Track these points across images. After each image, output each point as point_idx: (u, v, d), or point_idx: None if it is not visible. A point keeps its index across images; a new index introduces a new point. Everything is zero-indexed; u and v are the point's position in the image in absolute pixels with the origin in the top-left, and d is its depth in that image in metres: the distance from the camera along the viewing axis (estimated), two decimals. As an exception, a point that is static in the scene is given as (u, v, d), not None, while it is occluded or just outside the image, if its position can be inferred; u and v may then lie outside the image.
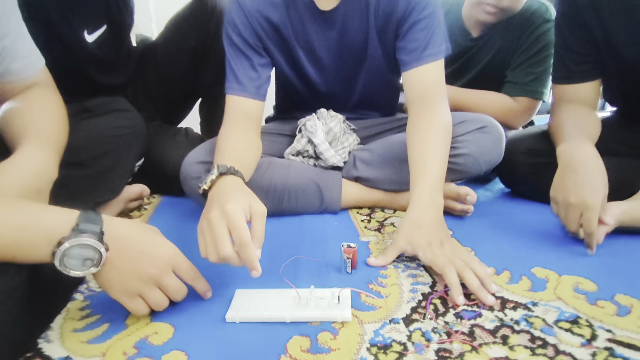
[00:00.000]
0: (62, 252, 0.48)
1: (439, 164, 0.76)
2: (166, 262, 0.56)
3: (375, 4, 0.86)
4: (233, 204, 0.58)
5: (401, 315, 0.59)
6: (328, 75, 0.95)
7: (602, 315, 0.59)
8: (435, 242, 0.67)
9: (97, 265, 0.51)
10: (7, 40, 0.68)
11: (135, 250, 0.54)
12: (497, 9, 1.04)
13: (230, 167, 0.68)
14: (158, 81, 1.20)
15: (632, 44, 0.85)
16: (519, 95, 1.13)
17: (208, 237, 0.58)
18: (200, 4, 1.10)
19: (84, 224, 0.50)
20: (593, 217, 0.72)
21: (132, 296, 0.55)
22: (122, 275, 0.53)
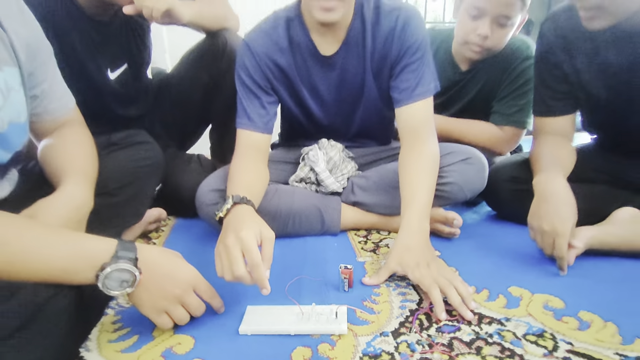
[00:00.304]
0: (104, 276, 0.58)
1: (426, 193, 0.85)
2: (188, 283, 0.66)
3: (371, 49, 0.96)
4: (246, 230, 0.68)
5: (390, 329, 0.68)
6: (329, 110, 1.06)
7: (565, 329, 0.68)
8: (422, 263, 0.76)
9: (132, 286, 0.60)
10: (46, 84, 0.79)
11: (162, 274, 0.64)
12: (482, 49, 1.15)
13: (243, 197, 0.78)
14: (173, 112, 1.31)
15: (600, 83, 0.95)
16: (504, 125, 1.23)
17: (224, 259, 0.68)
18: (213, 43, 1.21)
19: (122, 252, 0.60)
20: (563, 243, 0.82)
21: (160, 312, 0.64)
22: (152, 295, 0.63)
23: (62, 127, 0.83)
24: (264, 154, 0.98)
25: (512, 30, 1.14)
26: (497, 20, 1.10)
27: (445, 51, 1.29)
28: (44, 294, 0.52)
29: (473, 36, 1.13)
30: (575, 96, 1.01)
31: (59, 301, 0.55)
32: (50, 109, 0.80)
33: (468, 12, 1.13)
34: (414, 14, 0.94)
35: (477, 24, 1.12)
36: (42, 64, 0.77)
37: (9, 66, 0.69)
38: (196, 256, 0.95)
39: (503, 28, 1.12)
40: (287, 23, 0.96)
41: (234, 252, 0.66)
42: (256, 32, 0.97)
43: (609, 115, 0.99)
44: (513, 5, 1.08)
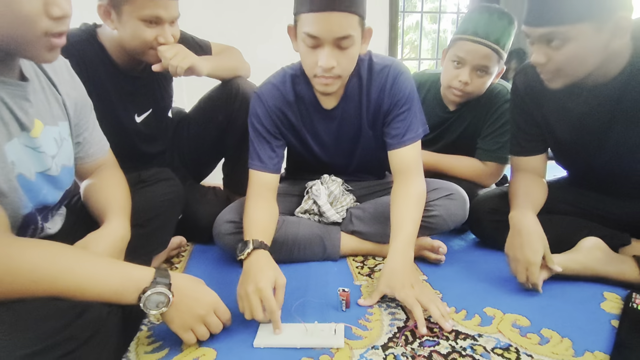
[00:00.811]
0: (145, 298, 0.71)
1: (411, 224, 0.99)
2: (210, 305, 0.80)
3: (366, 103, 1.11)
4: (264, 282, 0.82)
5: (380, 343, 0.81)
6: (330, 152, 1.21)
7: (528, 344, 0.81)
8: (407, 284, 0.89)
9: (166, 306, 0.74)
10: (87, 133, 0.94)
11: (191, 297, 0.78)
12: (463, 93, 1.30)
13: (261, 242, 0.93)
14: (190, 147, 1.47)
15: (565, 128, 1.09)
16: (488, 161, 1.37)
17: (246, 303, 0.83)
18: (227, 88, 1.37)
19: (159, 278, 0.73)
20: (535, 270, 0.96)
21: (186, 329, 0.78)
22: (181, 314, 0.77)
23: (100, 168, 0.99)
24: (274, 191, 1.12)
25: (490, 78, 1.29)
26: (476, 69, 1.27)
27: (434, 92, 1.44)
28: (104, 311, 0.66)
29: (455, 82, 1.29)
30: (545, 138, 1.16)
31: (113, 317, 0.69)
32: (91, 153, 0.96)
33: (451, 61, 1.30)
34: (401, 71, 1.09)
35: (458, 71, 1.28)
36: (85, 117, 0.93)
37: (62, 121, 0.84)
38: (214, 278, 1.11)
39: (482, 77, 1.28)
40: (293, 79, 1.11)
41: (254, 301, 0.81)
42: (267, 86, 1.13)
43: (575, 156, 1.13)
44: (490, 58, 1.24)
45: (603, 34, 0.85)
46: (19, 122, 0.72)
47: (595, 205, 1.16)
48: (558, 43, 0.88)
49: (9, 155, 0.69)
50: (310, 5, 0.90)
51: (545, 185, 1.17)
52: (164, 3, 1.05)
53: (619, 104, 0.96)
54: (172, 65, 1.10)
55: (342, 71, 0.98)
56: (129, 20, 1.05)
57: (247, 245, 0.92)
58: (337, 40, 0.92)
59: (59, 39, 0.68)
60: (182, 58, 1.11)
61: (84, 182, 0.98)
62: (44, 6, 0.64)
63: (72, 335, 0.60)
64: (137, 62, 1.18)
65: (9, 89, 0.70)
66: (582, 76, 0.94)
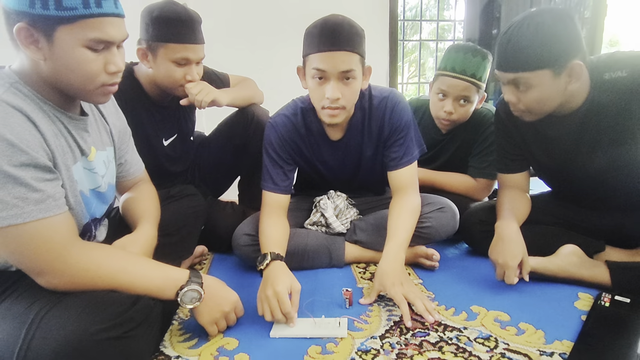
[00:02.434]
0: (182, 294, 0.86)
1: (404, 232, 1.13)
2: (232, 303, 0.95)
3: (367, 132, 1.26)
4: (281, 286, 0.97)
5: (378, 334, 0.95)
6: (335, 174, 1.35)
7: (506, 335, 0.93)
8: (397, 283, 1.03)
9: (199, 301, 0.89)
10: (128, 155, 1.11)
11: (218, 295, 0.93)
12: (449, 122, 1.46)
13: (278, 253, 1.08)
14: (210, 167, 1.63)
15: (543, 152, 1.22)
16: (478, 177, 1.52)
17: (265, 306, 0.96)
18: (243, 115, 1.55)
19: (194, 278, 0.88)
20: (511, 273, 1.09)
21: (212, 323, 0.93)
22: (209, 309, 0.91)
23: (137, 184, 1.15)
24: (285, 209, 1.27)
25: (473, 105, 1.45)
26: (458, 99, 1.42)
27: (428, 117, 1.58)
28: (152, 302, 0.82)
29: (441, 113, 1.44)
30: (527, 158, 1.30)
31: (157, 307, 0.84)
32: (131, 172, 1.12)
33: (436, 94, 1.46)
34: (398, 100, 1.24)
35: (443, 103, 1.44)
36: (125, 142, 1.10)
37: (109, 146, 1.01)
38: (232, 283, 1.24)
39: (464, 105, 1.43)
40: (304, 112, 1.26)
41: (273, 302, 0.95)
42: (281, 117, 1.27)
43: (553, 174, 1.27)
44: (469, 89, 1.40)
45: (561, 78, 1.01)
46: (80, 149, 0.88)
47: (574, 217, 1.29)
48: (523, 87, 1.03)
49: (74, 175, 0.85)
50: (318, 46, 1.06)
51: (528, 199, 1.31)
52: (192, 48, 1.24)
53: (582, 132, 1.10)
54: (197, 100, 1.28)
55: (347, 102, 1.12)
56: (163, 62, 1.24)
57: (265, 258, 1.07)
58: (341, 74, 1.07)
59: (113, 87, 0.85)
60: (205, 94, 1.29)
61: (123, 196, 1.14)
62: (104, 65, 0.80)
63: (131, 317, 0.75)
64: (167, 95, 1.36)
65: (74, 123, 0.86)
66: (547, 113, 1.08)
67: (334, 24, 1.06)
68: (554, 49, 0.98)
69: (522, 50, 0.99)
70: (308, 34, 1.10)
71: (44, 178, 0.75)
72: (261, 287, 1.01)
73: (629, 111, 1.03)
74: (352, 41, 1.06)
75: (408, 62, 8.00)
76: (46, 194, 0.74)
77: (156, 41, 1.22)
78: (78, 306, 0.73)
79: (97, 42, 0.77)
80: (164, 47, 1.22)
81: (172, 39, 1.21)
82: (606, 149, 1.09)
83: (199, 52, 1.26)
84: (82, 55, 0.76)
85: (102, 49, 0.79)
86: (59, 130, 0.82)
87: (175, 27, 1.21)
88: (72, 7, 0.72)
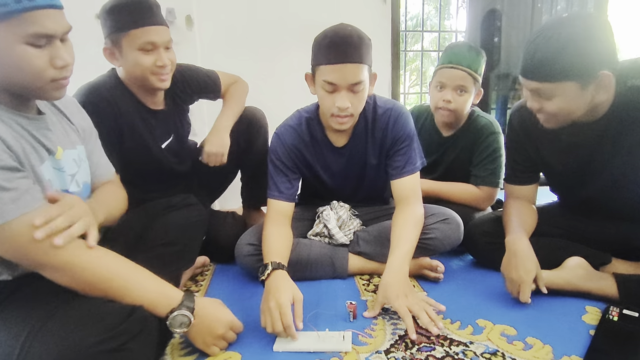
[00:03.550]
0: (172, 318, 0.85)
1: (408, 244, 1.13)
2: (227, 325, 0.93)
3: (371, 140, 1.26)
4: (284, 297, 0.95)
5: (383, 348, 0.93)
6: (339, 182, 1.35)
7: (513, 349, 0.92)
8: (401, 295, 1.01)
9: (187, 327, 0.86)
10: (94, 156, 1.05)
11: (209, 319, 0.91)
12: (449, 112, 1.48)
13: (279, 263, 1.07)
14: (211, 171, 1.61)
15: (557, 160, 1.20)
16: (481, 185, 1.51)
17: (268, 318, 0.95)
18: (243, 118, 1.55)
19: (186, 301, 0.87)
20: (527, 289, 1.07)
21: (208, 345, 0.91)
22: (202, 334, 0.90)
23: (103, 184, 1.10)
24: (289, 217, 1.26)
25: (470, 96, 1.48)
26: (456, 89, 1.46)
27: (430, 121, 1.62)
28: (147, 313, 0.81)
29: (440, 102, 1.48)
30: (538, 170, 1.29)
31: (153, 320, 0.83)
32: (97, 174, 1.07)
33: (435, 87, 1.50)
34: (401, 112, 1.25)
35: (442, 93, 1.47)
36: (91, 143, 1.06)
37: (79, 144, 0.98)
38: (235, 293, 1.25)
39: (462, 95, 1.47)
40: (308, 122, 1.28)
41: (275, 314, 0.94)
42: (286, 127, 1.29)
43: (566, 183, 1.26)
44: (465, 79, 1.44)
45: (587, 90, 0.97)
46: (46, 148, 0.86)
47: (580, 228, 1.28)
48: (546, 97, 1.00)
49: (45, 175, 0.83)
50: (329, 59, 1.08)
51: (535, 211, 1.30)
52: (154, 30, 1.20)
53: (602, 140, 1.08)
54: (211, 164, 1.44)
55: (355, 110, 1.14)
56: (129, 53, 1.21)
57: (266, 267, 1.06)
58: (351, 85, 1.10)
59: (65, 81, 0.82)
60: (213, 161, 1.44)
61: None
62: (49, 60, 0.77)
63: (126, 329, 0.75)
64: (154, 94, 1.35)
65: (33, 123, 0.84)
66: (570, 121, 1.05)
67: (343, 35, 1.08)
68: (582, 62, 0.93)
69: (548, 60, 0.95)
70: (318, 45, 1.11)
71: (14, 177, 0.74)
72: (263, 298, 1.00)
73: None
74: (361, 53, 1.08)
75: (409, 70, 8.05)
76: (20, 191, 0.74)
77: (116, 32, 1.19)
78: (73, 319, 0.72)
79: (36, 37, 0.74)
80: (126, 37, 1.19)
81: (131, 25, 1.18)
82: (623, 158, 1.07)
83: (163, 34, 1.22)
84: (23, 52, 0.74)
85: (45, 44, 0.76)
86: (17, 132, 0.80)
87: (132, 12, 1.18)
88: (2, 4, 0.70)
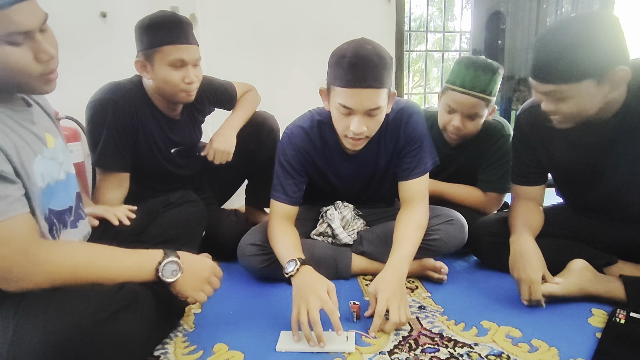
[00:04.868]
0: (162, 267, 0.85)
1: (410, 245, 1.12)
2: (210, 268, 0.95)
3: (384, 145, 1.24)
4: (322, 291, 0.95)
5: (387, 349, 0.92)
6: (347, 185, 1.33)
7: (519, 352, 0.91)
8: (389, 292, 1.00)
9: (179, 272, 0.87)
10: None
11: (196, 263, 0.93)
12: (457, 136, 1.42)
13: (304, 259, 1.06)
14: (223, 174, 1.63)
15: (567, 161, 1.19)
16: (489, 191, 1.49)
17: (303, 310, 0.93)
18: (254, 121, 1.58)
19: (169, 252, 0.87)
20: (537, 288, 1.06)
21: (197, 290, 0.91)
22: (191, 279, 0.90)
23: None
24: (293, 220, 1.25)
25: (482, 119, 1.40)
26: (467, 116, 1.37)
27: (437, 130, 1.52)
28: (136, 286, 0.82)
29: (449, 126, 1.40)
30: (546, 171, 1.27)
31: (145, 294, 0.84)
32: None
33: (444, 108, 1.41)
34: (413, 111, 1.22)
35: (451, 117, 1.38)
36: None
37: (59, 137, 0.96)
38: (236, 292, 1.24)
39: (474, 120, 1.39)
40: (320, 126, 1.23)
41: (314, 313, 0.91)
42: (297, 129, 1.25)
43: (574, 185, 1.25)
44: (478, 106, 1.34)
45: (603, 87, 0.95)
46: (40, 139, 0.85)
47: (587, 229, 1.26)
48: (561, 98, 0.97)
49: (38, 169, 0.82)
50: (346, 81, 1.01)
51: (542, 212, 1.29)
52: (185, 48, 1.26)
53: (614, 140, 1.07)
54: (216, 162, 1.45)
55: (370, 133, 1.10)
56: (160, 68, 1.26)
57: (295, 263, 1.04)
58: (368, 110, 1.04)
59: (53, 75, 0.81)
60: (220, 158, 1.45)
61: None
62: (34, 56, 0.76)
63: (115, 301, 0.77)
64: (174, 105, 1.39)
65: (23, 114, 0.84)
66: (584, 120, 1.03)
67: (363, 56, 1.00)
68: (598, 58, 0.91)
69: (561, 60, 0.92)
70: (335, 63, 1.03)
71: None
72: (297, 293, 0.98)
73: None
74: (382, 76, 1.02)
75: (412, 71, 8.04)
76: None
77: (150, 48, 1.25)
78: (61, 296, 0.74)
79: (13, 36, 0.72)
80: (159, 52, 1.24)
81: (165, 42, 1.24)
82: (633, 157, 1.06)
83: (193, 52, 1.28)
84: (3, 53, 0.73)
85: (24, 41, 0.74)
86: (8, 126, 0.78)
87: (166, 30, 1.24)
88: None
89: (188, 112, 1.48)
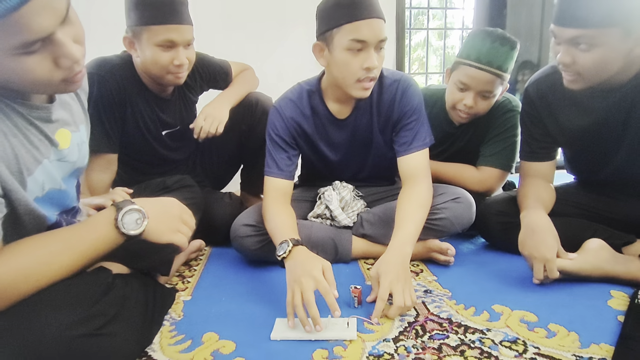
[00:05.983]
0: (121, 222, 0.72)
1: (413, 225, 1.04)
2: (178, 206, 0.84)
3: (377, 112, 1.17)
4: (316, 271, 0.88)
5: (391, 336, 0.85)
6: (343, 159, 1.26)
7: (535, 337, 0.83)
8: (392, 275, 0.93)
9: (145, 219, 0.74)
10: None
11: (160, 205, 0.81)
12: (468, 115, 1.32)
13: (297, 239, 0.99)
14: (213, 156, 1.56)
15: (580, 132, 1.11)
16: (489, 166, 1.37)
17: (297, 291, 0.86)
18: (247, 102, 1.49)
19: (122, 204, 0.74)
20: (553, 266, 0.99)
21: (174, 232, 0.81)
22: (162, 222, 0.79)
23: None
24: (289, 196, 1.18)
25: (495, 98, 1.31)
26: (480, 94, 1.28)
27: (440, 108, 1.44)
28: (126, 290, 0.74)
29: (460, 105, 1.30)
30: (555, 145, 1.19)
31: (134, 295, 0.77)
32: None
33: (456, 85, 1.31)
34: (410, 84, 1.15)
35: (463, 95, 1.28)
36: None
37: (82, 123, 0.88)
38: (230, 277, 1.16)
39: (487, 98, 1.29)
40: (309, 95, 1.19)
41: (309, 294, 0.85)
42: (285, 100, 1.20)
43: (588, 159, 1.17)
44: (493, 83, 1.25)
45: (629, 40, 0.88)
46: (49, 140, 0.74)
47: (602, 207, 1.20)
48: (585, 47, 0.90)
49: (39, 177, 0.71)
50: (355, 15, 1.00)
51: (553, 190, 1.21)
52: (175, 28, 1.16)
53: (633, 107, 0.99)
54: (204, 131, 1.31)
55: (378, 72, 1.08)
56: (148, 47, 1.17)
57: (287, 244, 0.97)
58: (379, 42, 1.03)
59: (78, 76, 0.69)
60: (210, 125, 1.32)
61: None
62: (54, 62, 0.64)
63: (101, 311, 0.68)
64: (163, 86, 1.31)
65: (39, 112, 0.72)
66: (601, 81, 0.96)
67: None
68: (627, 7, 0.85)
69: (591, 2, 0.86)
70: (334, 6, 1.03)
71: None
72: (292, 277, 0.90)
73: None
74: (380, 9, 1.04)
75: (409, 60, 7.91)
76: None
77: (139, 25, 1.16)
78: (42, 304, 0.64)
79: (27, 46, 0.59)
80: (147, 31, 1.16)
81: (154, 21, 1.15)
82: None
83: (185, 33, 1.19)
84: (18, 64, 0.60)
85: (41, 47, 0.61)
86: (16, 128, 0.68)
87: (156, 8, 1.15)
88: None
89: (180, 90, 1.39)
